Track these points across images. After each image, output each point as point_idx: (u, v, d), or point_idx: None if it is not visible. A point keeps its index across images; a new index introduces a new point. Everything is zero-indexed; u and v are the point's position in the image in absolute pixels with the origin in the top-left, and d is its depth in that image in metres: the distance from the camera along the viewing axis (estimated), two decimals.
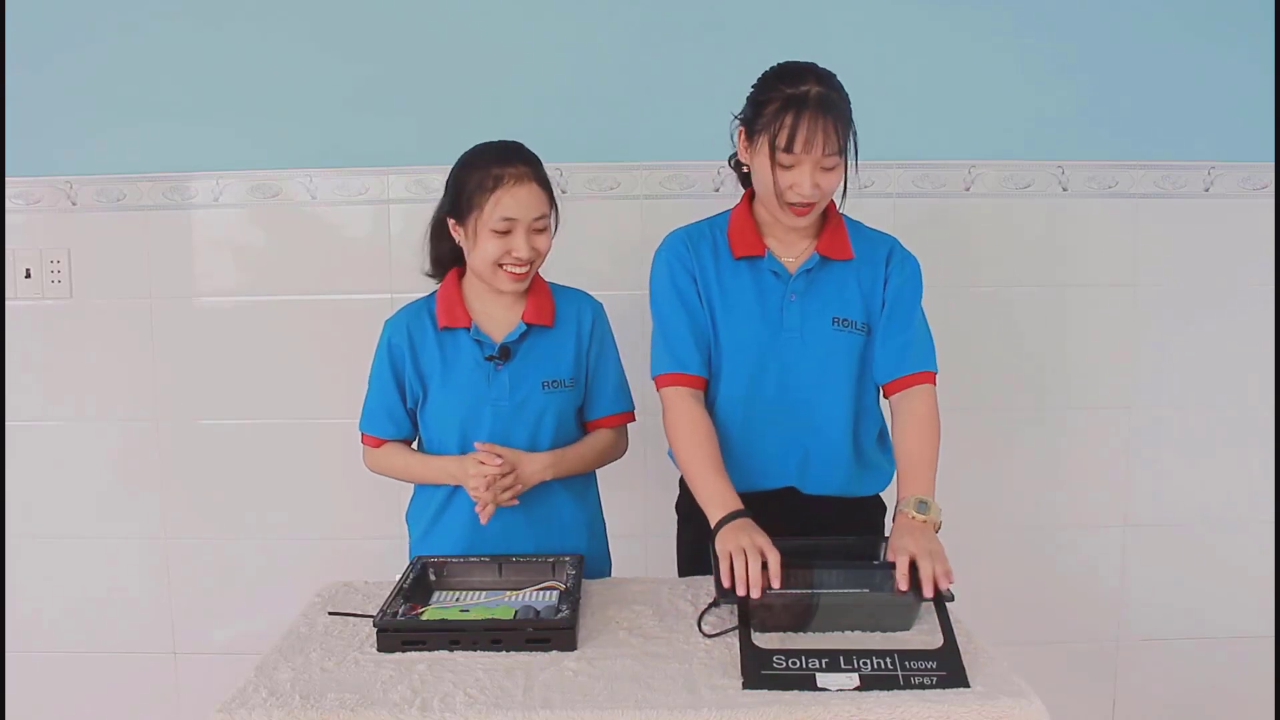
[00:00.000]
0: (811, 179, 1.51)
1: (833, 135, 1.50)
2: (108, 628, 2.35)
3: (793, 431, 1.62)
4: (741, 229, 1.63)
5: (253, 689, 1.21)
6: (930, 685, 1.19)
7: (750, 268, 1.62)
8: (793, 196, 1.53)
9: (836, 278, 1.62)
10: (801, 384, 1.61)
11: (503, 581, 1.54)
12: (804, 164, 1.51)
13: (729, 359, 1.62)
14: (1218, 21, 2.24)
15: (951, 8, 2.23)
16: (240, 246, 2.28)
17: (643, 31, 2.21)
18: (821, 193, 1.53)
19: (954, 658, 1.23)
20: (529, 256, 1.57)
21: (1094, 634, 2.39)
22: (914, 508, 1.49)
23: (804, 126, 1.49)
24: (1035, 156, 2.26)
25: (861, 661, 1.22)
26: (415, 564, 1.55)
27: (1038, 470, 2.35)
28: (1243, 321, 2.32)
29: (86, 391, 2.30)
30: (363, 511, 2.29)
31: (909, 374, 1.62)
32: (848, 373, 1.62)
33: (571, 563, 1.52)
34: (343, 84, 2.22)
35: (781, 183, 1.53)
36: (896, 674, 1.20)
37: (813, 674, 1.21)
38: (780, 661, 1.22)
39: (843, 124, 1.52)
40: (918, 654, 1.24)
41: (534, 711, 1.15)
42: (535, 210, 1.57)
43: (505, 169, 1.56)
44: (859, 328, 1.62)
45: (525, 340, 1.65)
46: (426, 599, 1.49)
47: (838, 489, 1.65)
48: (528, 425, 1.64)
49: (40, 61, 2.21)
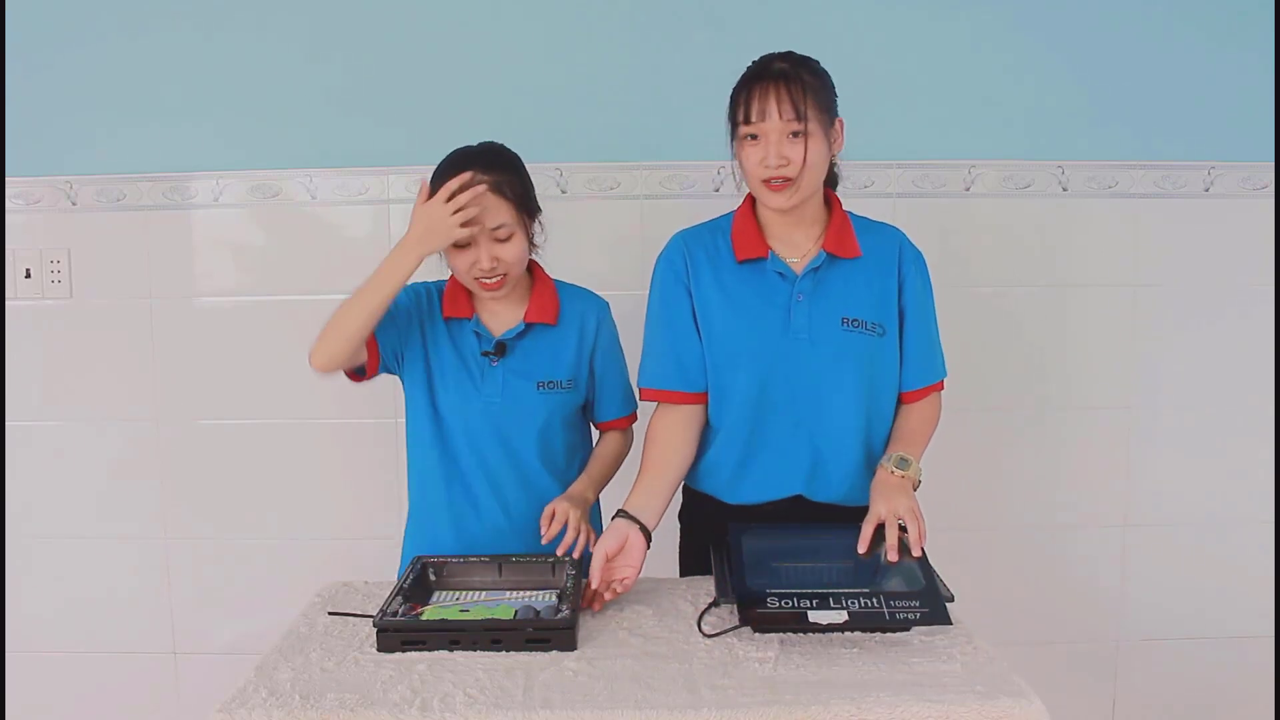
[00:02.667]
0: (777, 150, 1.49)
1: (788, 103, 1.48)
2: (108, 628, 2.35)
3: (803, 436, 1.58)
4: (743, 231, 1.61)
5: (253, 689, 1.21)
6: (914, 621, 1.29)
7: (755, 270, 1.59)
8: (763, 171, 1.52)
9: (845, 276, 1.59)
10: (811, 386, 1.57)
11: (503, 581, 1.54)
12: (768, 135, 1.50)
13: (737, 363, 1.59)
14: (1218, 21, 2.24)
15: (951, 8, 2.23)
16: (240, 246, 2.28)
17: (642, 31, 2.21)
18: (792, 165, 1.50)
19: (935, 597, 1.32)
20: (490, 267, 1.55)
21: (1094, 634, 2.39)
22: (894, 463, 1.51)
23: (758, 95, 1.50)
24: (1035, 156, 2.26)
25: (850, 601, 1.31)
26: (415, 564, 1.55)
27: (1038, 470, 2.35)
28: (1243, 321, 2.32)
29: (86, 391, 2.30)
30: (363, 511, 2.29)
31: (926, 386, 1.63)
32: (859, 374, 1.57)
33: (571, 563, 1.52)
34: (342, 84, 2.22)
35: (752, 158, 1.52)
36: (882, 611, 1.30)
37: (804, 612, 1.30)
38: (774, 601, 1.32)
39: (806, 93, 1.49)
40: (902, 594, 1.34)
41: (534, 711, 1.15)
42: (491, 222, 1.54)
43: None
44: (869, 327, 1.57)
45: (525, 338, 1.64)
46: (426, 599, 1.49)
47: (847, 496, 1.60)
48: (521, 425, 1.64)
49: (40, 61, 2.21)
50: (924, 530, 1.43)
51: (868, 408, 1.59)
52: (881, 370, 1.60)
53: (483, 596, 1.49)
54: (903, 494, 1.47)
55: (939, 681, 1.21)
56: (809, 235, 1.61)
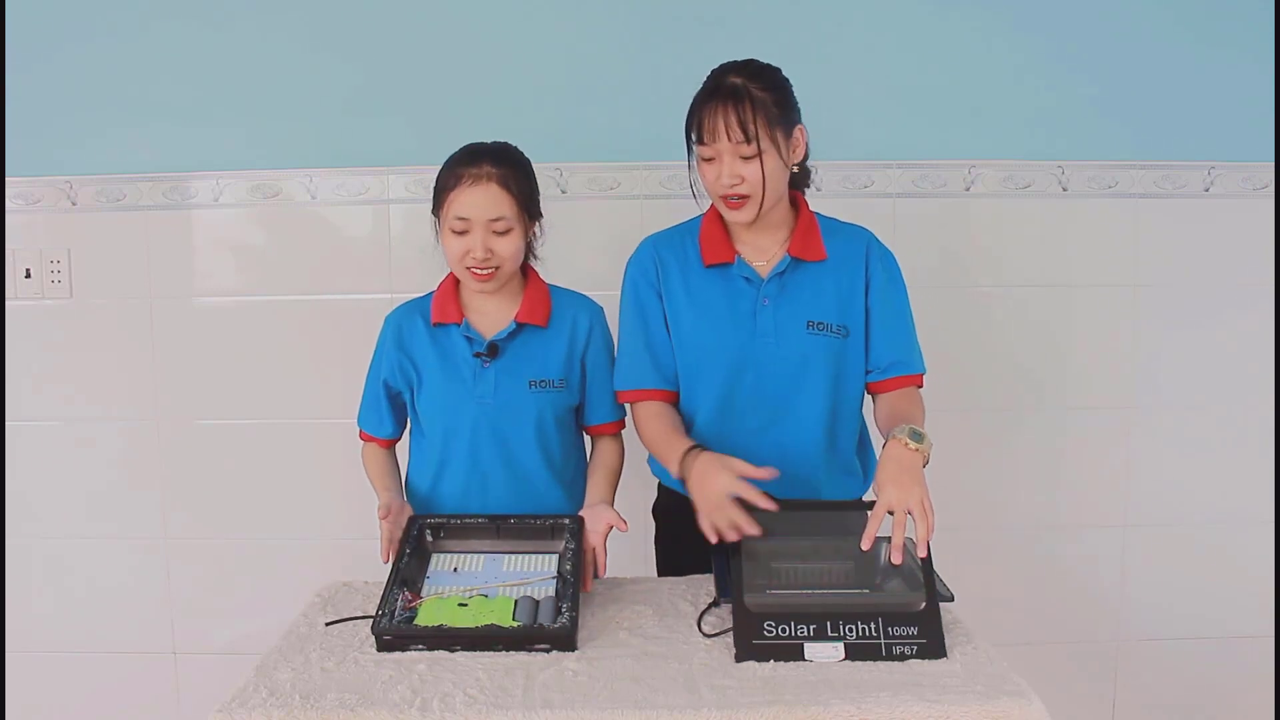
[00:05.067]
0: (730, 169, 1.50)
1: (736, 126, 1.47)
2: (108, 628, 2.35)
3: (769, 435, 1.61)
4: (710, 235, 1.62)
5: (253, 689, 1.21)
6: (910, 655, 1.27)
7: (721, 275, 1.61)
8: (719, 189, 1.52)
9: (810, 280, 1.60)
10: (777, 388, 1.60)
11: (501, 544, 1.55)
12: (721, 154, 1.50)
13: (704, 366, 1.61)
14: (1218, 22, 2.24)
15: (951, 7, 2.23)
16: (240, 246, 2.28)
17: (643, 31, 2.21)
18: (747, 183, 1.50)
19: (935, 622, 1.29)
20: (483, 257, 1.57)
21: (1094, 634, 2.39)
22: (908, 434, 1.43)
23: (708, 115, 1.50)
24: (1035, 156, 2.26)
25: (847, 628, 1.28)
26: (413, 525, 1.56)
27: (1038, 470, 2.35)
28: (1243, 321, 2.32)
29: (86, 391, 2.30)
30: (363, 511, 2.28)
31: (897, 377, 1.62)
32: (823, 376, 1.60)
33: (570, 526, 1.52)
34: (343, 84, 2.22)
35: (709, 175, 1.53)
36: (880, 643, 1.27)
37: (800, 644, 1.27)
38: (770, 629, 1.28)
39: (757, 112, 1.48)
40: (901, 617, 1.29)
41: (534, 711, 1.15)
42: (491, 211, 1.56)
43: (467, 169, 1.57)
44: (835, 330, 1.60)
45: (516, 339, 1.65)
46: (425, 565, 1.50)
47: (814, 490, 1.63)
48: (517, 424, 1.65)
49: (40, 61, 2.21)
50: (932, 525, 1.37)
51: (833, 409, 1.62)
52: (846, 371, 1.62)
53: (481, 565, 1.51)
54: (915, 480, 1.39)
55: (939, 681, 1.21)
56: (775, 239, 1.62)
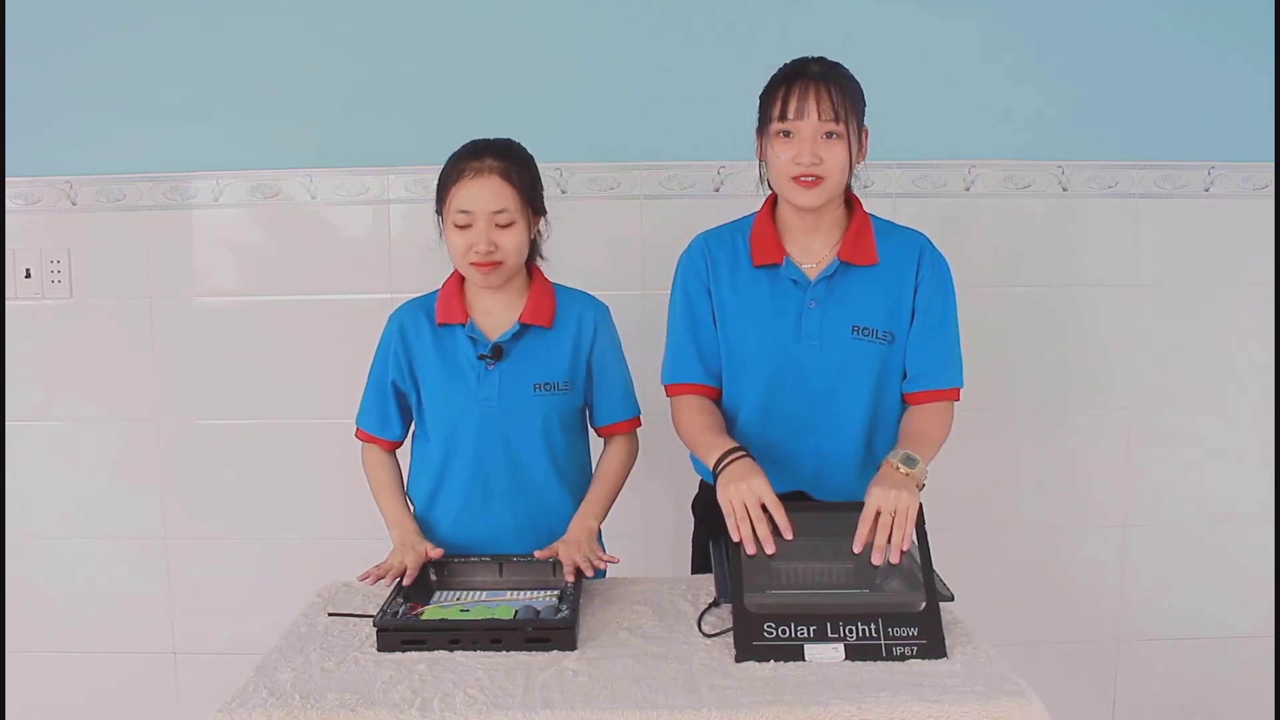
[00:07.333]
0: (811, 148, 1.51)
1: (828, 102, 1.50)
2: (108, 628, 2.35)
3: (809, 438, 1.61)
4: (761, 235, 1.62)
5: (253, 689, 1.21)
6: (910, 655, 1.27)
7: (769, 275, 1.61)
8: (793, 168, 1.52)
9: (859, 284, 1.59)
10: (819, 392, 1.60)
11: (503, 581, 1.54)
12: (802, 132, 1.51)
13: (747, 366, 1.62)
14: (1218, 22, 2.24)
15: (952, 8, 2.23)
16: (240, 246, 2.28)
17: (642, 31, 2.21)
18: (825, 165, 1.51)
19: (935, 622, 1.29)
20: (486, 249, 1.56)
21: (1094, 634, 2.39)
22: (900, 460, 1.45)
23: (797, 92, 1.51)
24: (1035, 156, 2.26)
25: (847, 629, 1.29)
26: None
27: (1038, 470, 2.35)
28: (1243, 322, 2.32)
29: (86, 391, 2.30)
30: (363, 511, 2.28)
31: (922, 390, 1.61)
32: (866, 381, 1.60)
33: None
34: (343, 84, 2.22)
35: (784, 155, 1.53)
36: (880, 644, 1.28)
37: (801, 645, 1.27)
38: (770, 630, 1.28)
39: (844, 95, 1.51)
40: (901, 618, 1.30)
41: (534, 711, 1.15)
42: (493, 204, 1.56)
43: (470, 163, 1.57)
44: (880, 336, 1.59)
45: (520, 340, 1.64)
46: (427, 599, 1.49)
47: (849, 495, 1.60)
48: (520, 427, 1.64)
49: (40, 61, 2.21)
50: (909, 534, 1.38)
51: (873, 414, 1.62)
52: (889, 378, 1.62)
53: (483, 596, 1.49)
54: (903, 487, 1.41)
55: (939, 681, 1.21)
56: (827, 241, 1.61)
